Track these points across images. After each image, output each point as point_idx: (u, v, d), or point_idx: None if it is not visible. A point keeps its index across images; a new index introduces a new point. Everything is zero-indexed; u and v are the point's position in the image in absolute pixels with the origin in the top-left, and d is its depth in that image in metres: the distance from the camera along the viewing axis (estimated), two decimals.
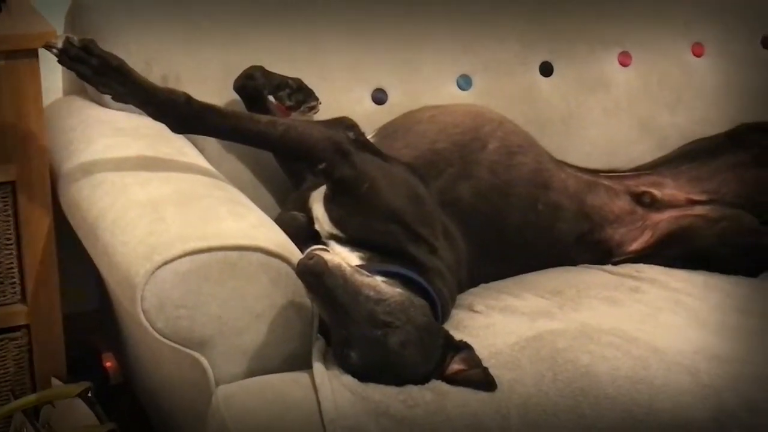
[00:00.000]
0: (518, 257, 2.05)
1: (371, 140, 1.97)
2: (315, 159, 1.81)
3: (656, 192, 2.20)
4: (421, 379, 1.62)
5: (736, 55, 2.51)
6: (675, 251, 2.11)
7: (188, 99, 1.75)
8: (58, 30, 1.96)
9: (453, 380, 1.63)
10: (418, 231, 1.83)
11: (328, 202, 1.84)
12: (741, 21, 2.54)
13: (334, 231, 1.82)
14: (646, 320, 1.83)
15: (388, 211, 1.81)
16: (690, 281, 1.99)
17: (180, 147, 1.92)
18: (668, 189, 2.22)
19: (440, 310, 1.77)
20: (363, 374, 1.60)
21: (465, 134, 2.03)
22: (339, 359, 1.62)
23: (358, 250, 1.79)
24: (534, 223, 2.05)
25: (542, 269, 2.07)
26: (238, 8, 2.14)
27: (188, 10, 2.09)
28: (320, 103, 2.11)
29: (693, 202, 2.20)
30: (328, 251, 1.62)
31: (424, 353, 1.63)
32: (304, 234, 1.79)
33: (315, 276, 1.55)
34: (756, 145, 2.29)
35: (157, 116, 1.77)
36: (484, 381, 1.62)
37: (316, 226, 1.84)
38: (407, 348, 1.60)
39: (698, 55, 2.49)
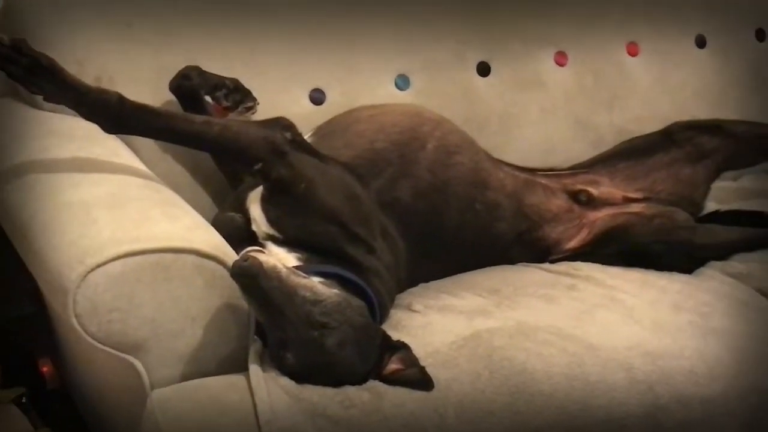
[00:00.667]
0: (457, 257, 2.05)
1: (308, 140, 1.96)
2: (251, 159, 1.79)
3: (593, 190, 2.22)
4: (359, 380, 1.62)
5: (670, 54, 2.56)
6: (611, 249, 2.13)
7: (121, 99, 1.73)
8: None
9: (390, 380, 1.63)
10: (356, 231, 1.82)
11: (265, 203, 1.83)
12: (674, 20, 2.59)
13: (271, 232, 1.81)
14: (582, 317, 1.84)
15: (326, 211, 1.81)
16: (625, 278, 2.00)
17: (114, 148, 1.90)
18: (604, 187, 2.24)
19: (378, 311, 1.77)
20: (300, 376, 1.60)
21: (404, 134, 2.03)
22: (276, 361, 1.61)
23: (295, 251, 1.78)
24: (472, 222, 2.05)
25: (482, 266, 2.08)
26: (171, 8, 2.12)
27: (120, 10, 2.07)
28: (258, 104, 2.10)
29: (629, 200, 2.23)
30: (264, 252, 1.62)
31: (361, 353, 1.63)
32: (241, 235, 1.78)
33: (250, 278, 1.55)
34: (689, 142, 2.31)
35: (89, 117, 1.75)
36: (420, 380, 1.63)
37: (253, 227, 1.83)
38: (344, 348, 1.60)
39: (633, 55, 2.53)
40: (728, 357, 1.79)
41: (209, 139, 1.80)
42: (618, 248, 2.13)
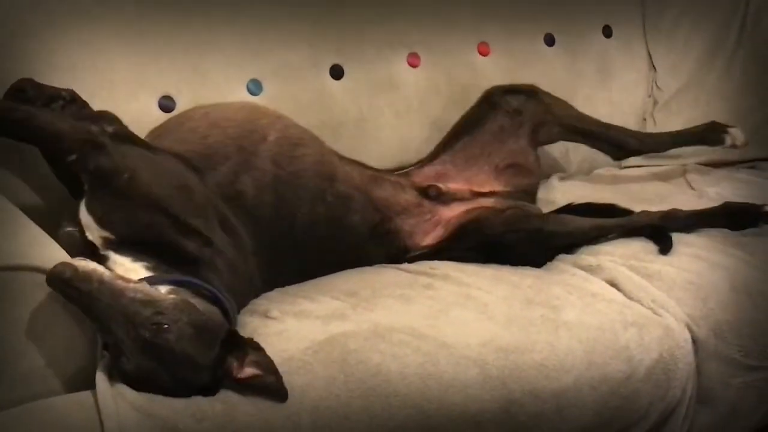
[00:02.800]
0: (314, 254, 2.04)
1: None
2: (63, 150, 1.76)
3: (441, 185, 2.26)
4: (203, 382, 1.59)
5: (521, 52, 2.60)
6: (467, 242, 2.16)
7: None
8: None
9: (245, 385, 1.61)
10: (188, 222, 1.79)
11: (90, 201, 1.78)
12: (524, 20, 2.63)
13: (104, 233, 1.76)
14: (437, 316, 1.85)
15: (152, 202, 1.77)
16: (480, 275, 2.03)
17: None
18: (452, 182, 2.28)
19: (230, 312, 1.74)
20: (140, 380, 1.57)
21: (240, 127, 2.01)
22: (116, 369, 1.58)
23: (140, 259, 1.74)
24: (325, 215, 2.05)
25: (341, 265, 2.08)
26: (7, 17, 2.04)
27: None
28: None
29: (477, 194, 2.27)
30: (84, 260, 1.57)
31: (201, 351, 1.60)
32: (81, 250, 1.72)
33: (63, 282, 1.51)
34: (507, 105, 2.37)
35: None
36: (276, 390, 1.61)
37: (88, 235, 1.78)
38: (180, 345, 1.58)
39: (484, 54, 2.56)
40: (579, 348, 1.83)
41: (11, 122, 1.76)
42: (474, 241, 2.16)
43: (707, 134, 2.46)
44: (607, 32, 2.76)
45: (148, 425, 1.52)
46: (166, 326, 1.56)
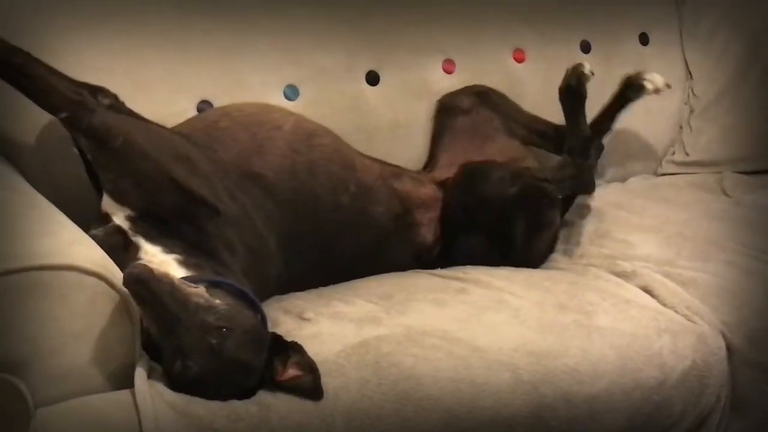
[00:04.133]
0: (336, 241, 2.06)
1: None
2: (53, 107, 1.80)
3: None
4: (255, 384, 1.63)
5: (556, 59, 2.59)
6: (453, 219, 2.18)
7: None
8: None
9: (286, 387, 1.63)
10: (192, 189, 1.82)
11: (99, 171, 1.81)
12: (559, 26, 2.64)
13: (124, 210, 1.80)
14: (470, 320, 1.86)
15: (150, 165, 1.80)
16: (512, 280, 2.04)
17: None
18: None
19: (261, 309, 1.77)
20: (199, 384, 1.59)
21: (251, 117, 2.05)
22: (175, 372, 1.59)
23: (171, 251, 1.77)
24: (349, 205, 2.07)
25: (363, 255, 2.10)
26: (48, 18, 2.08)
27: None
28: None
29: None
30: (154, 264, 1.60)
31: (256, 356, 1.63)
32: (107, 250, 1.72)
33: (141, 283, 1.53)
34: (461, 106, 2.41)
35: None
36: (312, 390, 1.63)
37: (115, 221, 1.80)
38: (241, 352, 1.61)
39: (519, 61, 2.57)
40: (612, 354, 1.83)
41: (8, 65, 1.78)
42: (455, 215, 2.17)
43: (627, 91, 2.40)
44: (644, 39, 2.76)
45: (185, 424, 1.54)
46: (227, 330, 1.59)
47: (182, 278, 1.70)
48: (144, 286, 1.54)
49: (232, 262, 1.79)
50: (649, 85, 2.37)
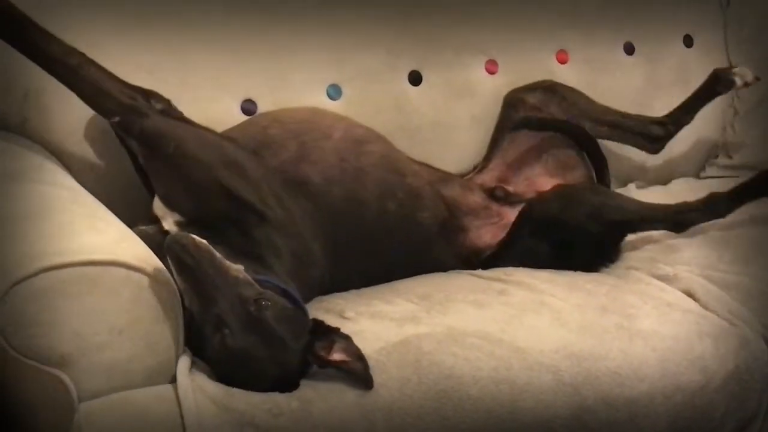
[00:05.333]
0: (382, 247, 2.06)
1: None
2: (107, 110, 1.81)
3: (507, 186, 2.29)
4: (294, 363, 1.64)
5: (600, 61, 2.59)
6: (526, 229, 2.16)
7: None
8: None
9: (338, 368, 1.65)
10: (241, 195, 1.83)
11: (151, 177, 1.83)
12: (603, 28, 2.62)
13: (174, 216, 1.82)
14: (511, 321, 1.86)
15: (201, 172, 1.82)
16: (554, 282, 2.03)
17: (40, 162, 1.90)
18: (513, 183, 2.31)
19: (304, 309, 1.78)
20: (237, 358, 1.60)
21: (302, 124, 2.06)
22: (215, 345, 1.61)
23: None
24: (395, 211, 2.07)
25: (409, 261, 2.10)
26: (94, 17, 2.10)
27: (44, 22, 2.05)
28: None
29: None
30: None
31: (294, 333, 1.65)
32: (154, 247, 1.74)
33: (182, 247, 1.57)
34: (526, 102, 2.40)
35: None
36: (363, 376, 1.64)
37: (164, 225, 1.83)
38: (280, 324, 1.62)
39: (563, 62, 2.56)
40: (654, 358, 1.82)
41: (65, 68, 1.79)
42: (530, 226, 2.16)
43: (716, 86, 2.43)
44: (688, 42, 2.74)
45: (226, 418, 1.55)
46: (267, 303, 1.61)
47: None
48: (184, 250, 1.57)
49: (278, 267, 1.81)
50: (738, 80, 2.40)
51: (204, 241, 1.62)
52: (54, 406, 1.63)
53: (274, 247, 1.83)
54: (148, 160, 1.84)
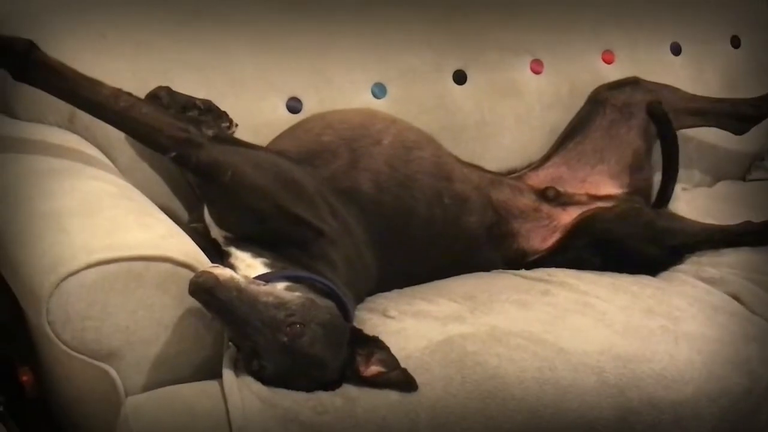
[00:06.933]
0: (428, 252, 2.06)
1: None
2: (162, 146, 1.80)
3: (558, 188, 2.27)
4: (334, 379, 1.64)
5: (646, 61, 2.57)
6: (581, 240, 2.16)
7: (29, 49, 1.73)
8: None
9: (374, 383, 1.64)
10: (298, 214, 1.83)
11: (206, 203, 1.84)
12: (649, 28, 2.61)
13: (223, 232, 1.82)
14: (555, 322, 1.86)
15: (260, 196, 1.81)
16: (598, 283, 2.02)
17: (89, 157, 1.91)
18: (567, 184, 2.30)
19: (348, 306, 1.78)
20: (275, 382, 1.61)
21: (354, 130, 2.05)
22: (252, 372, 1.61)
23: (260, 255, 1.79)
24: (442, 217, 2.07)
25: (455, 265, 2.09)
26: (145, 19, 2.13)
27: (95, 21, 2.07)
28: (236, 125, 2.09)
29: (594, 198, 2.27)
30: (219, 267, 1.62)
31: (332, 351, 1.64)
32: (204, 244, 1.77)
33: (207, 292, 1.55)
34: (613, 99, 2.40)
35: None
36: (404, 382, 1.64)
37: (211, 233, 1.84)
38: (315, 348, 1.62)
39: (608, 62, 2.54)
40: (699, 360, 1.81)
41: (113, 112, 1.78)
42: (587, 239, 2.16)
43: None
44: (735, 42, 2.72)
45: (271, 415, 1.56)
46: (299, 326, 1.60)
47: (261, 275, 1.73)
48: (209, 295, 1.55)
49: (333, 278, 1.80)
50: None
51: (228, 273, 1.59)
52: (101, 399, 1.65)
53: (329, 260, 1.83)
54: (205, 189, 1.84)
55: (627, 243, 2.12)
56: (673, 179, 2.40)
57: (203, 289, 1.55)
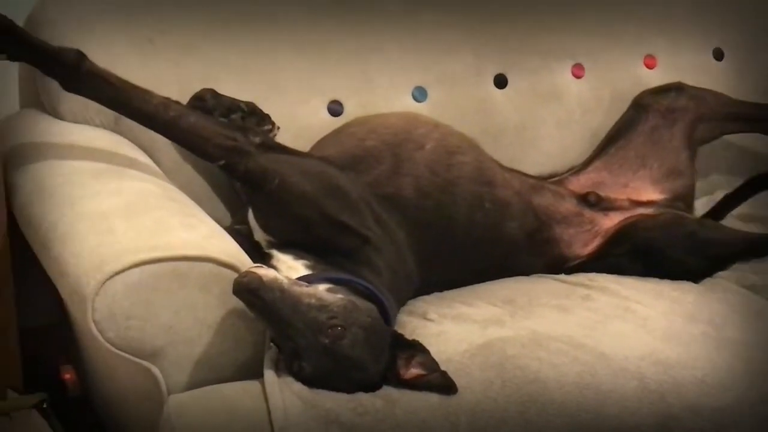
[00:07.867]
0: (469, 258, 2.06)
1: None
2: (210, 155, 1.81)
3: (600, 193, 2.26)
4: (374, 382, 1.64)
5: (688, 67, 2.56)
6: (622, 247, 2.15)
7: (78, 60, 1.75)
8: None
9: (413, 385, 1.65)
10: (344, 221, 1.83)
11: (252, 209, 1.86)
12: (692, 33, 2.59)
13: (267, 237, 1.84)
14: (595, 327, 1.85)
15: (305, 205, 1.82)
16: (639, 289, 2.01)
17: (134, 158, 1.94)
18: (609, 189, 2.29)
19: (389, 310, 1.78)
20: (316, 383, 1.62)
21: (397, 135, 2.05)
22: (291, 372, 1.62)
23: (302, 258, 1.80)
24: (482, 222, 2.07)
25: (495, 270, 2.10)
26: (191, 24, 2.15)
27: (143, 27, 2.10)
28: (278, 127, 2.11)
29: (636, 203, 2.26)
30: (263, 267, 1.63)
31: (373, 354, 1.65)
32: (247, 246, 1.78)
33: (251, 292, 1.56)
34: (657, 104, 2.40)
35: (48, 73, 1.78)
36: (444, 385, 1.64)
37: (255, 236, 1.85)
38: (356, 350, 1.62)
39: (650, 67, 2.53)
40: (741, 367, 1.79)
41: (163, 122, 1.80)
42: (628, 246, 2.15)
43: None
44: None
45: (312, 415, 1.57)
46: (340, 329, 1.61)
47: (303, 276, 1.74)
48: (253, 295, 1.56)
49: (377, 284, 1.80)
50: None
51: (273, 273, 1.60)
52: (144, 397, 1.67)
53: (373, 266, 1.84)
54: (252, 196, 1.86)
55: (668, 252, 2.11)
56: (734, 207, 2.38)
57: (247, 289, 1.56)
